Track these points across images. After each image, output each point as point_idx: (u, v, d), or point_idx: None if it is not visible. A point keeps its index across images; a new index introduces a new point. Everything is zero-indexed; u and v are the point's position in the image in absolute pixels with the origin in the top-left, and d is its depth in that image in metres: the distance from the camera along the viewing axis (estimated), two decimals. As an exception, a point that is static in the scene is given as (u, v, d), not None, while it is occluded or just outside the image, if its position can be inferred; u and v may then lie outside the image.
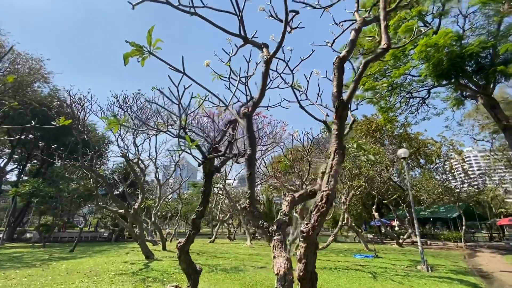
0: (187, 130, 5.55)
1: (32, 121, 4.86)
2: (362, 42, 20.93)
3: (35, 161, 26.02)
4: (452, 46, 15.77)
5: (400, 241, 20.32)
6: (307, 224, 2.24)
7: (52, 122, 6.67)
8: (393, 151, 31.80)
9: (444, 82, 17.59)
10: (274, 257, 2.64)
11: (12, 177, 26.72)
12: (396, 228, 29.95)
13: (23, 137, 22.76)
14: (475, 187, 24.05)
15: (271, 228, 2.82)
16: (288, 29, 4.69)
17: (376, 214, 21.54)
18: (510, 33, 15.40)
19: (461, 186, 27.25)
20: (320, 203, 2.26)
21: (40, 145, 24.47)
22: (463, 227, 20.68)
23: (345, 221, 15.04)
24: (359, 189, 14.59)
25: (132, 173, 24.55)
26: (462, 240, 20.58)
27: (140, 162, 12.42)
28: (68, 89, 8.63)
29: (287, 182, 16.31)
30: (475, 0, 14.57)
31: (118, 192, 23.77)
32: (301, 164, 11.89)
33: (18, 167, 25.65)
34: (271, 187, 30.04)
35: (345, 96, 2.79)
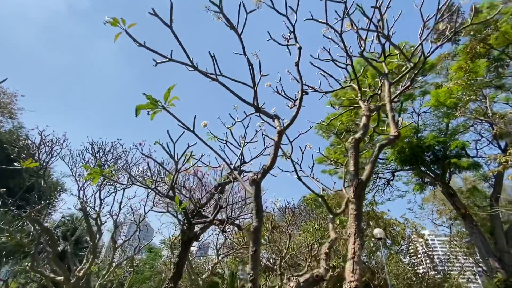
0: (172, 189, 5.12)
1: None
2: (334, 123, 23.25)
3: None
4: (411, 137, 18.07)
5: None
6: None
7: (15, 163, 5.85)
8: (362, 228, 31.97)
9: (408, 167, 19.40)
10: None
11: None
12: (367, 317, 27.64)
13: (-43, 173, 19.55)
14: (441, 273, 24.10)
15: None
16: (290, 104, 5.05)
17: (347, 299, 19.92)
18: (457, 133, 18.25)
19: (427, 272, 27.11)
20: (350, 298, 1.96)
21: (-23, 185, 20.97)
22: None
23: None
24: (336, 270, 13.80)
25: (80, 229, 21.20)
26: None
27: (97, 218, 10.89)
28: (42, 129, 7.97)
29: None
30: (427, 103, 17.57)
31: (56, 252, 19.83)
32: (279, 235, 11.24)
33: None
34: (237, 259, 27.44)
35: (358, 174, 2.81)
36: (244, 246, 13.09)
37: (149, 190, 13.56)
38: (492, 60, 11.51)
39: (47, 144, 8.24)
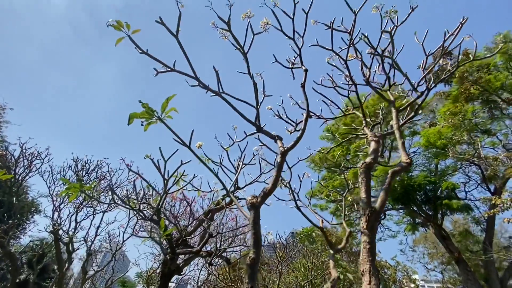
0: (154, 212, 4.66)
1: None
2: (326, 157, 23.29)
3: None
4: (403, 175, 18.12)
5: None
6: None
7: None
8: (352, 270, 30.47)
9: (399, 206, 19.15)
10: None
11: None
12: None
13: None
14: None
15: None
16: (291, 128, 4.91)
17: None
18: (446, 174, 18.47)
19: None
20: None
21: None
22: None
23: None
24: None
25: (48, 256, 19.24)
26: None
27: (69, 243, 9.88)
28: (24, 141, 7.45)
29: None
30: (418, 143, 18.00)
31: (17, 280, 17.57)
32: (266, 273, 10.36)
33: None
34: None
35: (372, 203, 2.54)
36: (230, 284, 12.00)
37: (131, 214, 12.72)
38: (486, 102, 12.10)
39: (27, 157, 7.69)
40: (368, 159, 2.73)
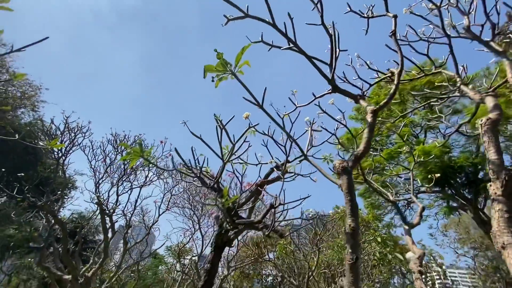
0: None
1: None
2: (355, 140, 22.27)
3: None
4: (441, 157, 16.98)
5: None
6: None
7: (40, 143, 5.38)
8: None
9: (436, 189, 18.17)
10: None
11: None
12: None
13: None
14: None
15: None
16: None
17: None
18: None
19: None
20: None
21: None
22: None
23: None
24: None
25: (85, 229, 20.63)
26: None
27: (112, 215, 10.32)
28: (67, 115, 7.55)
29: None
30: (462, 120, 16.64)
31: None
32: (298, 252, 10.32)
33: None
34: (243, 273, 25.96)
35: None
36: (259, 258, 12.18)
37: (165, 191, 13.02)
38: None
39: (72, 130, 7.83)
40: (492, 115, 2.27)
